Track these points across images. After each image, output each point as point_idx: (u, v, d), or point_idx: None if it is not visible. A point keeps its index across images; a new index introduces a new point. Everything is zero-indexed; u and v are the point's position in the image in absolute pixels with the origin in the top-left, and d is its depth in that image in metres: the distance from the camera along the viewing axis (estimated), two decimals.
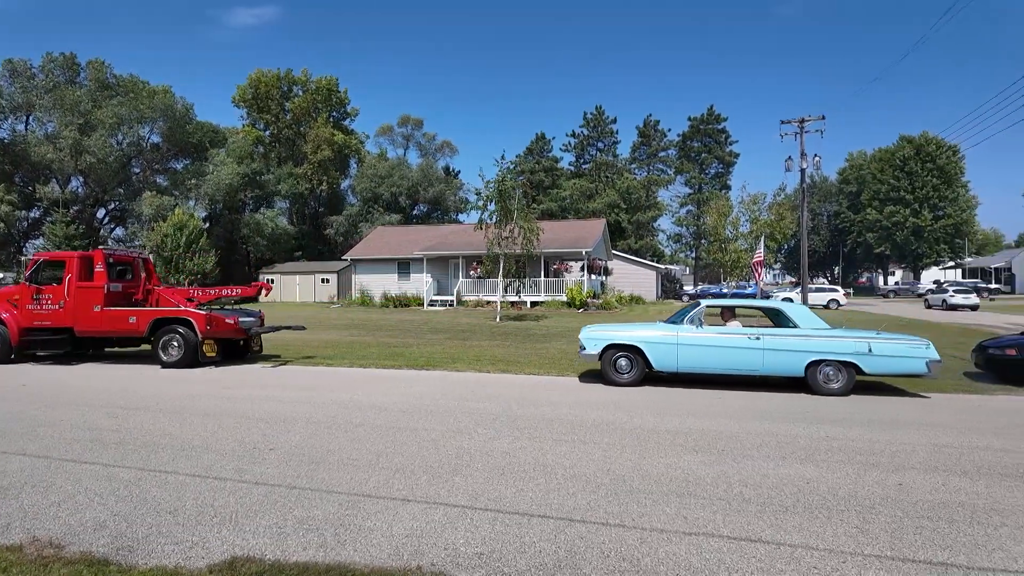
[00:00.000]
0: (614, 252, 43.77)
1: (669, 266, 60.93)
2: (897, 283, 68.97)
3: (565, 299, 29.36)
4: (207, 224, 50.10)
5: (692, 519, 3.95)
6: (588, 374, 10.55)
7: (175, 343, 11.42)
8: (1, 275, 37.42)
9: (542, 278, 30.98)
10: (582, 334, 9.87)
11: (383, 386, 9.41)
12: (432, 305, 31.58)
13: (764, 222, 31.06)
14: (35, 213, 49.96)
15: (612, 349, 9.51)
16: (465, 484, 4.62)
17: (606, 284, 36.50)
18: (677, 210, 69.77)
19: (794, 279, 75.04)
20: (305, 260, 51.64)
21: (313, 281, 44.18)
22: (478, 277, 31.00)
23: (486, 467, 5.07)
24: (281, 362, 12.24)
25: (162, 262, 38.46)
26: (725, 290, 40.96)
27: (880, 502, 4.27)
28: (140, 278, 13.03)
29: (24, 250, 46.30)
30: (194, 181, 48.55)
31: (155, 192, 46.32)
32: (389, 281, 35.49)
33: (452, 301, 31.41)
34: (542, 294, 30.65)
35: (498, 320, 22.62)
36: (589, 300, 28.78)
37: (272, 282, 44.90)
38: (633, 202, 60.07)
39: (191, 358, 11.31)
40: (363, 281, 36.52)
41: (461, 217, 61.38)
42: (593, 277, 32.91)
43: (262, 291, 13.11)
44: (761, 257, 24.11)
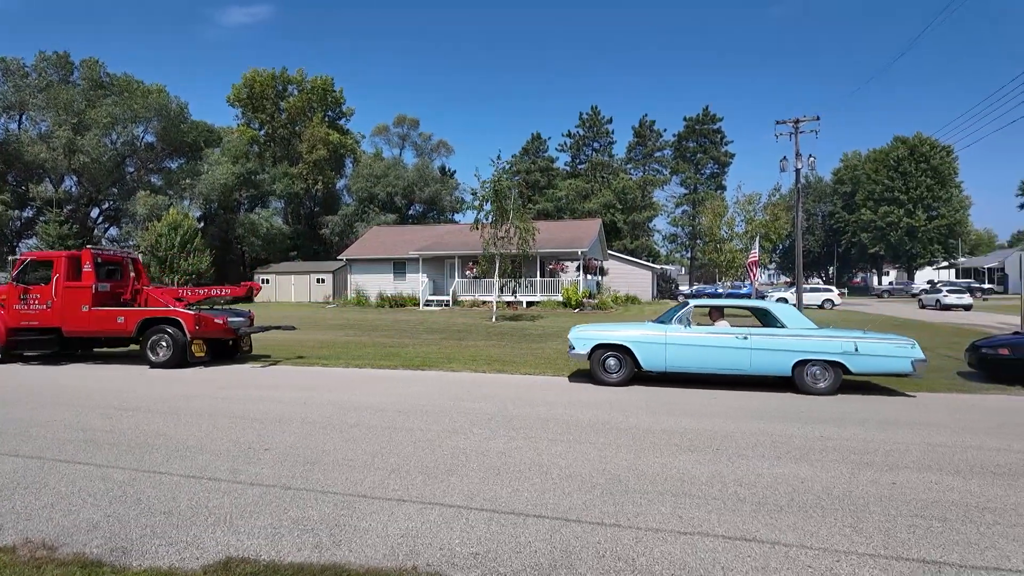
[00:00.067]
0: (610, 252, 43.85)
1: (665, 266, 61.05)
2: (891, 283, 69.21)
3: (561, 299, 29.38)
4: (202, 224, 49.85)
5: (687, 518, 3.96)
6: (578, 374, 10.57)
7: (163, 343, 11.37)
8: None
9: (538, 278, 31.01)
10: (571, 334, 9.89)
11: (378, 386, 9.40)
12: (428, 305, 31.56)
13: (759, 222, 31.17)
14: (28, 213, 49.65)
15: (601, 349, 9.54)
16: (461, 484, 4.62)
17: (602, 284, 36.55)
18: (673, 210, 69.99)
19: (789, 279, 75.30)
20: (300, 260, 51.51)
21: (308, 281, 44.07)
22: (474, 277, 31.00)
23: (482, 467, 5.07)
24: (271, 362, 12.22)
25: (157, 262, 38.29)
26: (720, 290, 41.05)
27: (874, 501, 4.29)
28: (129, 278, 12.98)
29: (17, 250, 45.99)
30: (189, 181, 48.31)
31: (149, 192, 46.07)
32: (385, 281, 35.46)
33: (448, 301, 31.40)
34: (538, 294, 30.67)
35: (494, 320, 22.62)
36: (585, 300, 28.81)
37: (267, 282, 44.82)
38: (629, 202, 60.19)
39: (179, 358, 11.27)
40: (359, 281, 36.46)
41: (457, 217, 61.39)
42: (589, 277, 32.96)
43: (252, 291, 13.07)
44: (756, 257, 24.20)
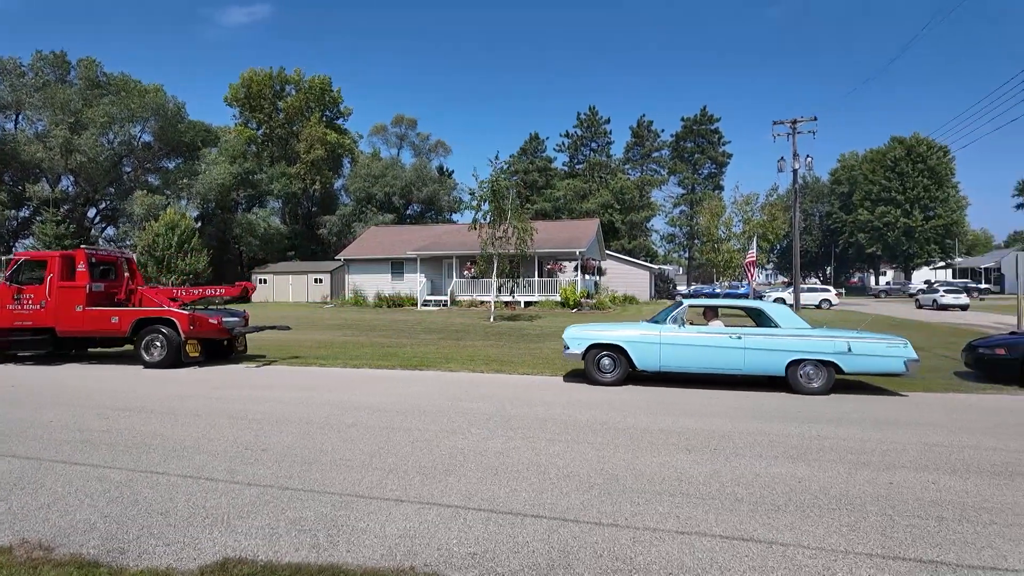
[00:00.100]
0: (608, 252, 43.86)
1: (663, 266, 61.14)
2: (888, 283, 69.42)
3: (559, 299, 29.39)
4: (199, 224, 49.70)
5: (685, 518, 3.96)
6: (573, 374, 10.59)
7: (158, 343, 11.35)
8: None
9: (536, 278, 31.01)
10: (566, 334, 9.91)
11: (376, 386, 9.39)
12: (426, 305, 31.54)
13: (757, 222, 31.23)
14: (25, 212, 49.44)
15: (595, 349, 9.55)
16: (459, 484, 4.62)
17: (600, 284, 36.57)
18: (670, 210, 70.15)
19: (786, 279, 75.48)
20: (298, 260, 51.40)
21: (306, 281, 44.01)
22: (472, 277, 30.97)
23: (480, 467, 5.07)
24: (266, 362, 12.21)
25: (154, 262, 38.18)
26: (718, 290, 41.12)
27: (871, 501, 4.30)
28: (123, 278, 12.96)
29: (13, 250, 45.85)
30: (186, 180, 48.19)
31: (146, 191, 45.95)
32: (383, 281, 35.42)
33: (446, 301, 31.38)
34: (536, 294, 30.67)
35: (492, 320, 22.62)
36: (583, 300, 28.82)
37: (264, 282, 44.74)
38: (627, 202, 60.21)
39: (174, 358, 11.25)
40: (356, 281, 36.42)
41: (455, 217, 61.36)
42: (587, 277, 32.97)
43: (247, 291, 13.06)
44: (754, 257, 24.25)
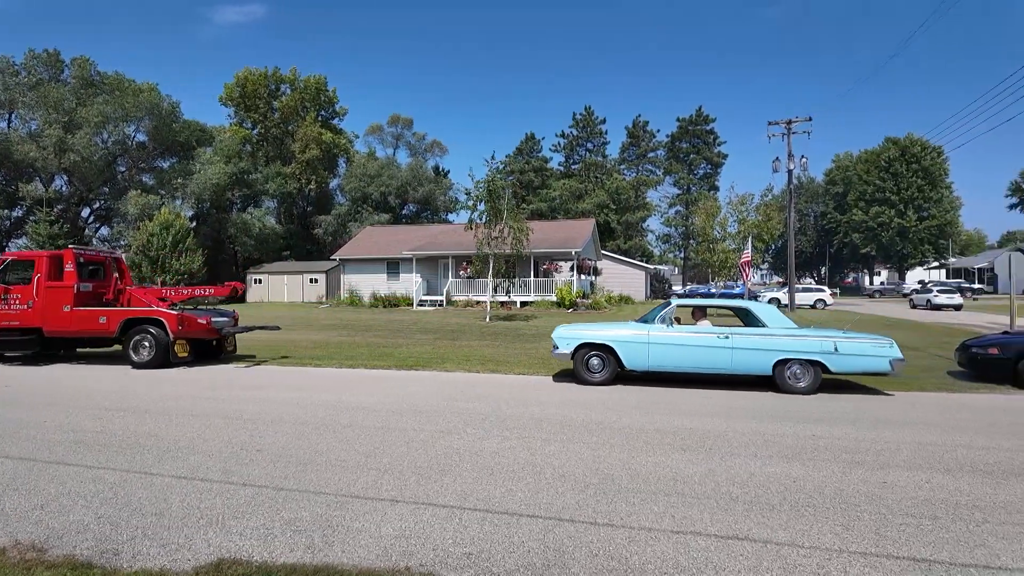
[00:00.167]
0: (603, 252, 43.92)
1: (658, 266, 61.24)
2: (883, 283, 69.75)
3: (555, 299, 29.40)
4: (194, 223, 49.55)
5: (680, 517, 3.97)
6: (562, 373, 10.60)
7: (146, 343, 11.32)
8: None
9: (532, 278, 31.01)
10: (555, 333, 9.94)
11: (372, 386, 9.38)
12: (421, 305, 31.50)
13: (752, 223, 31.28)
14: (18, 212, 49.16)
15: (584, 348, 9.58)
16: (454, 484, 4.62)
17: (595, 284, 36.61)
18: (666, 210, 70.32)
19: (781, 279, 75.69)
20: (293, 260, 51.29)
21: (301, 281, 43.92)
22: (468, 277, 30.97)
23: (475, 467, 5.07)
24: (256, 362, 12.19)
25: (148, 262, 38.03)
26: (714, 290, 41.22)
27: (865, 500, 4.32)
28: (111, 277, 12.91)
29: (6, 249, 45.58)
30: (181, 180, 47.99)
31: (141, 191, 45.72)
32: (378, 281, 35.37)
33: (442, 301, 31.35)
34: (532, 294, 30.67)
35: (488, 320, 22.61)
36: (579, 300, 28.84)
37: (260, 282, 44.65)
38: (622, 202, 60.31)
39: (162, 358, 11.21)
40: (352, 281, 36.37)
41: (451, 217, 61.39)
42: (582, 277, 32.99)
43: (236, 291, 13.06)
44: (749, 257, 24.29)
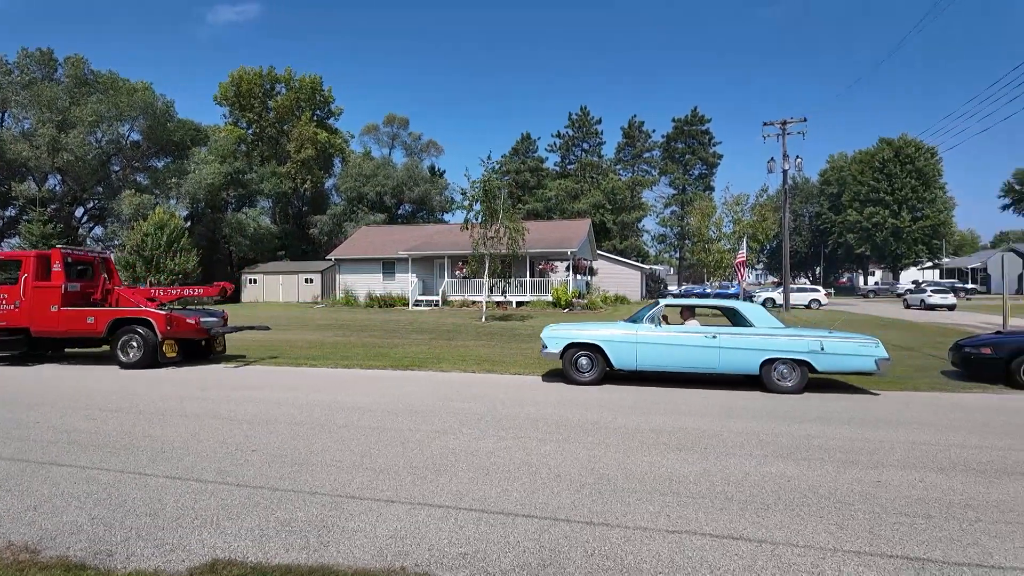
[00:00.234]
0: (599, 252, 43.97)
1: (654, 266, 61.39)
2: (877, 283, 70.04)
3: (551, 299, 29.42)
4: (188, 223, 49.26)
5: (675, 517, 3.98)
6: (551, 373, 10.62)
7: (134, 343, 11.27)
8: None
9: (528, 278, 31.02)
10: (544, 333, 9.97)
11: (367, 387, 9.36)
12: (417, 305, 31.47)
13: (747, 223, 31.38)
14: (11, 212, 48.84)
15: (573, 348, 9.62)
16: (450, 484, 4.62)
17: (591, 284, 36.65)
18: (661, 211, 70.37)
19: (776, 279, 75.91)
20: (288, 260, 51.14)
21: (297, 281, 43.81)
22: (463, 277, 30.96)
23: (471, 467, 5.07)
24: (246, 362, 12.16)
25: (143, 262, 37.85)
26: (709, 290, 41.33)
27: (859, 499, 4.34)
28: (100, 277, 12.86)
29: None
30: (175, 180, 47.74)
31: (135, 191, 45.49)
32: (374, 281, 35.32)
33: (437, 301, 31.33)
34: (528, 294, 30.69)
35: (484, 320, 22.61)
36: (574, 300, 28.87)
37: (255, 282, 44.53)
38: (618, 203, 60.36)
39: (151, 359, 11.17)
40: (347, 281, 36.29)
41: (446, 217, 61.24)
42: (578, 277, 33.02)
43: (225, 291, 13.04)
44: (744, 257, 24.37)
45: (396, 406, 7.71)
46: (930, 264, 66.46)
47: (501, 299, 28.99)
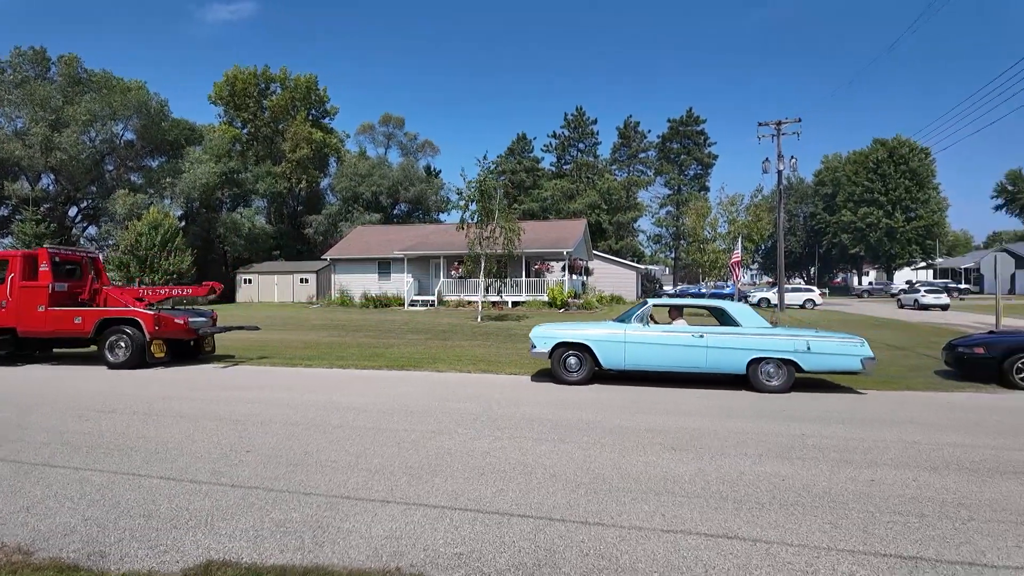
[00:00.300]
0: (595, 252, 44.01)
1: (649, 266, 61.52)
2: (871, 283, 70.39)
3: (546, 299, 29.42)
4: (183, 223, 49.05)
5: (670, 517, 3.99)
6: (540, 373, 10.63)
7: (122, 343, 11.24)
8: None
9: (523, 278, 31.02)
10: (533, 333, 9.97)
11: (363, 387, 9.35)
12: (413, 305, 31.43)
13: (742, 223, 31.45)
14: (4, 211, 48.51)
15: (562, 348, 9.63)
16: (445, 484, 4.61)
17: (587, 284, 36.66)
18: (657, 211, 70.58)
19: (771, 279, 76.22)
20: (284, 260, 50.97)
21: (292, 281, 43.68)
22: (459, 277, 30.91)
23: (466, 467, 5.07)
24: (235, 362, 12.12)
25: (137, 261, 37.66)
26: (704, 290, 41.43)
27: (853, 498, 4.36)
28: (87, 277, 12.80)
29: None
30: (170, 179, 47.51)
31: (129, 190, 45.27)
32: (369, 281, 35.24)
33: (433, 301, 31.30)
34: (523, 294, 30.68)
35: (479, 320, 22.60)
36: (570, 300, 28.88)
37: (249, 282, 44.36)
38: (614, 203, 60.47)
39: (138, 359, 11.14)
40: (343, 281, 36.21)
41: (442, 217, 61.21)
42: (574, 277, 33.05)
43: (215, 290, 13.03)
44: (739, 257, 24.44)
45: (391, 406, 7.70)
46: (924, 264, 66.82)
47: (497, 299, 28.97)
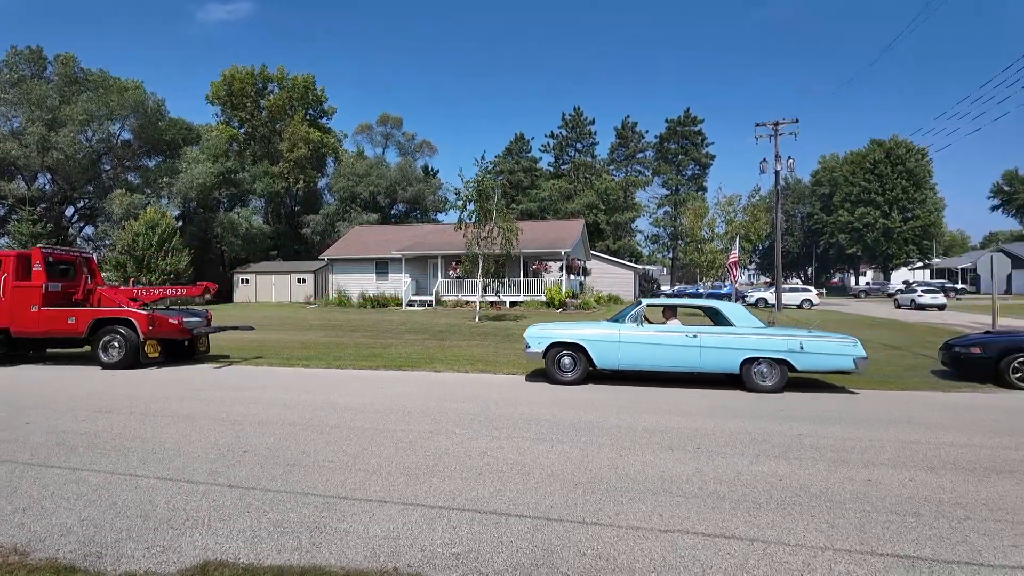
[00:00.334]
0: (593, 252, 44.02)
1: (647, 266, 61.53)
2: (868, 283, 70.49)
3: (544, 299, 29.41)
4: (180, 223, 48.94)
5: (667, 516, 3.99)
6: (535, 373, 10.63)
7: (116, 344, 11.22)
8: None
9: (521, 278, 31.02)
10: (527, 333, 9.97)
11: (360, 387, 9.34)
12: (411, 305, 31.40)
13: (739, 223, 31.49)
14: (0, 211, 48.44)
15: (556, 347, 9.63)
16: (443, 485, 4.61)
17: (585, 284, 36.68)
18: (654, 211, 70.57)
19: (768, 279, 76.29)
20: (281, 260, 50.91)
21: (289, 281, 43.62)
22: (457, 277, 30.88)
23: (464, 467, 5.07)
24: (230, 362, 12.10)
25: (134, 261, 37.59)
26: (701, 290, 41.50)
27: (850, 498, 4.36)
28: (81, 277, 12.78)
29: None
30: (167, 179, 47.39)
31: (126, 190, 45.15)
32: (367, 281, 35.21)
33: (431, 301, 31.27)
34: (521, 294, 30.68)
35: (477, 320, 22.59)
36: (568, 300, 28.88)
37: (247, 282, 44.29)
38: (611, 203, 60.49)
39: (132, 359, 11.12)
40: (340, 281, 36.17)
41: (440, 217, 61.15)
42: (572, 277, 33.05)
43: (208, 290, 13.03)
44: (736, 258, 24.48)
45: (389, 406, 7.69)
46: (920, 264, 66.95)
47: (495, 299, 28.96)
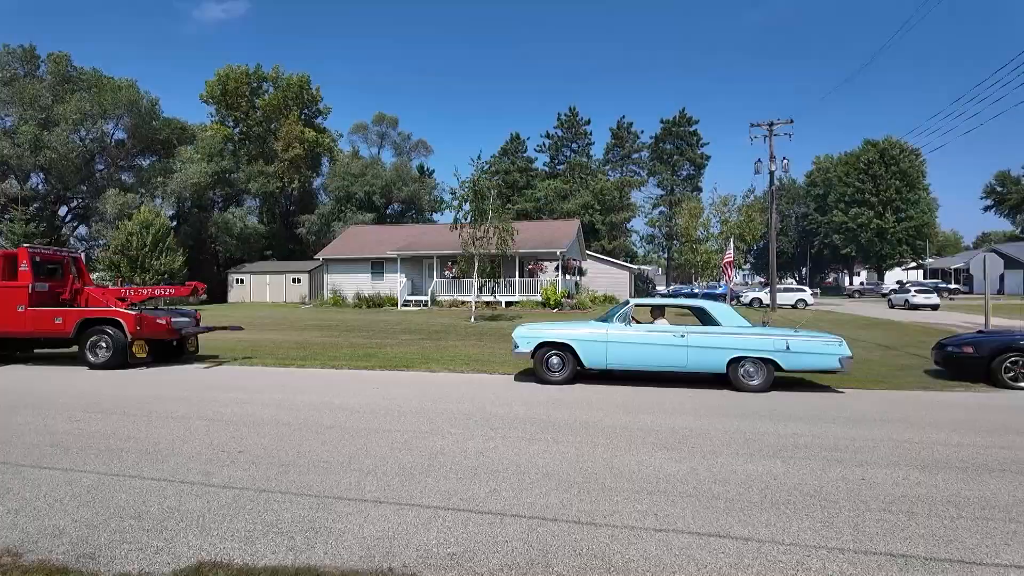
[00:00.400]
0: (588, 253, 44.07)
1: (642, 267, 61.63)
2: (862, 283, 70.81)
3: (540, 299, 29.44)
4: (174, 223, 48.74)
5: (662, 516, 4.00)
6: (523, 373, 10.65)
7: (103, 344, 11.18)
8: None
9: (517, 278, 31.03)
10: (515, 332, 9.98)
11: (355, 387, 9.32)
12: (406, 305, 31.37)
13: (734, 223, 31.58)
14: None
15: (544, 347, 9.65)
16: (438, 484, 4.61)
17: (580, 284, 36.71)
18: (650, 211, 70.66)
19: (763, 279, 76.52)
20: (276, 260, 50.77)
21: (284, 281, 43.51)
22: (453, 277, 30.89)
23: (459, 467, 5.07)
24: (218, 363, 12.08)
25: (128, 261, 37.45)
26: (696, 290, 41.59)
27: (844, 497, 4.38)
28: (69, 277, 12.72)
29: None
30: (161, 179, 47.19)
31: (120, 190, 44.94)
32: (362, 281, 35.14)
33: (426, 301, 31.24)
34: (517, 294, 30.69)
35: (473, 320, 22.58)
36: (563, 300, 28.90)
37: (242, 282, 44.19)
38: (607, 203, 60.60)
39: (120, 359, 11.08)
40: (336, 281, 36.09)
41: (436, 217, 61.11)
42: (567, 277, 33.07)
43: (197, 290, 13.00)
44: (731, 258, 24.55)
45: (384, 406, 7.68)
46: (914, 264, 67.31)
47: (490, 299, 28.98)
